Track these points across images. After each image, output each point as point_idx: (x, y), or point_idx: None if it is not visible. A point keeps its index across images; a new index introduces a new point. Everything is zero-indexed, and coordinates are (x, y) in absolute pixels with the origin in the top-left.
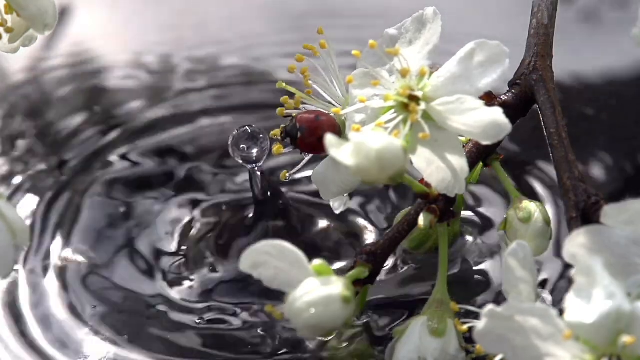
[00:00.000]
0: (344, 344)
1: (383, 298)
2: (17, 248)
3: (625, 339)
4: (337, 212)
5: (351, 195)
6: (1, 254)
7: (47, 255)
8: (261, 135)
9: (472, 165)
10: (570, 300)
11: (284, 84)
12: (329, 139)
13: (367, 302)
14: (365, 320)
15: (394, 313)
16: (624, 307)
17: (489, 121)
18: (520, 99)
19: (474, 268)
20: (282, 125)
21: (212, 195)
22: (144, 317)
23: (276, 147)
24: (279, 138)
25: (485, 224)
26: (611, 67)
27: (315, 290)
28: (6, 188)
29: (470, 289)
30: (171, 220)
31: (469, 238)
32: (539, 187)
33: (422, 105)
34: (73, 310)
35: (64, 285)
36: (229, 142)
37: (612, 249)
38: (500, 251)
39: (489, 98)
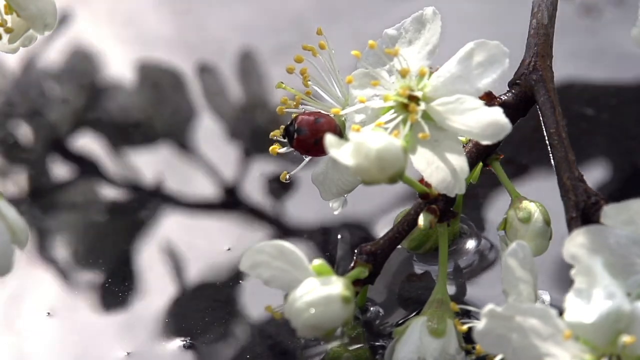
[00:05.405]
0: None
1: None
2: (17, 247)
3: (625, 339)
4: (336, 212)
5: None
6: (0, 253)
7: None
8: None
9: (472, 165)
10: (570, 300)
11: (283, 85)
12: (329, 138)
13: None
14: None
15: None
16: (624, 307)
17: (489, 121)
18: (520, 99)
19: None
20: (282, 126)
21: None
22: None
23: (272, 147)
24: (280, 138)
25: None
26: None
27: (315, 290)
28: None
29: None
30: None
31: None
32: None
33: (422, 106)
34: None
35: None
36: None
37: (612, 249)
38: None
39: (489, 98)
